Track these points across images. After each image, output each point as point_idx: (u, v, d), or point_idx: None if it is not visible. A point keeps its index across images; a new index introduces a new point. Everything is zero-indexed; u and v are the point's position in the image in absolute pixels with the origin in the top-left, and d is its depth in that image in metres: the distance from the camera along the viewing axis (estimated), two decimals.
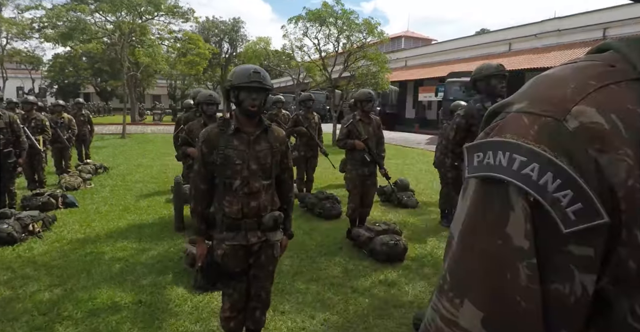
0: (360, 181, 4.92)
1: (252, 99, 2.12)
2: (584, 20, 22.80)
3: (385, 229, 4.62)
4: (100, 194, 7.03)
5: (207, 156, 2.18)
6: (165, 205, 6.39)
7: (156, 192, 7.37)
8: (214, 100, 3.99)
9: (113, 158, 11.41)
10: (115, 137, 16.99)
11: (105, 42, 20.82)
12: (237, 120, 2.19)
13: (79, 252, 4.35)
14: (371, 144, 4.84)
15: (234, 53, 40.67)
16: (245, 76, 2.09)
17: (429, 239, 5.28)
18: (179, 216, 5.03)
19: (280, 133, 2.35)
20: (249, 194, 2.18)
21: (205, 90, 4.05)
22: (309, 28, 16.33)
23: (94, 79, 43.12)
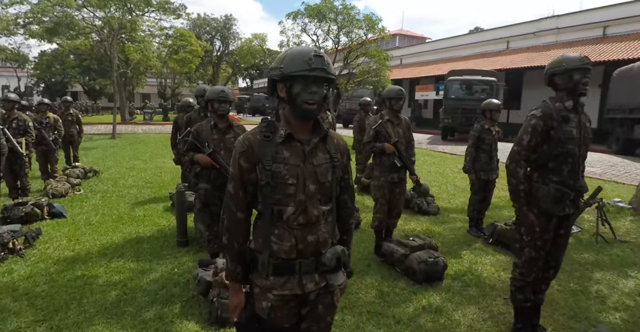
0: (389, 188, 4.36)
1: (310, 92, 1.53)
2: (583, 18, 22.50)
3: (421, 244, 4.06)
4: (90, 202, 6.37)
5: (248, 173, 1.60)
6: (164, 214, 5.76)
7: (152, 198, 6.72)
8: (227, 98, 3.39)
9: (103, 160, 10.72)
10: (105, 138, 16.23)
11: (94, 39, 19.99)
12: (287, 124, 1.61)
13: (68, 275, 3.71)
14: (401, 148, 4.28)
15: (226, 51, 39.94)
16: (304, 62, 1.50)
17: (463, 253, 4.73)
18: (181, 229, 4.42)
19: (341, 140, 1.76)
20: (306, 225, 1.59)
21: (214, 85, 3.45)
22: (307, 24, 15.77)
23: (82, 77, 42.07)
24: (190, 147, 3.44)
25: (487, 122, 5.23)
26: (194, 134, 3.41)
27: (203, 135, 3.41)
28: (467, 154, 5.25)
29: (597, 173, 10.50)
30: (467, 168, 5.24)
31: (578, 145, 2.66)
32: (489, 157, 5.27)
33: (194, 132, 3.42)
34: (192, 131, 3.43)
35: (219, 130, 3.46)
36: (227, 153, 3.45)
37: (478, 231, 5.39)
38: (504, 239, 4.91)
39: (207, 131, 3.41)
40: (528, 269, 2.85)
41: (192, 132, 3.42)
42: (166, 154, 12.29)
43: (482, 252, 4.78)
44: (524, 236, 2.81)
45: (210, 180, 3.42)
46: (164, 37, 24.24)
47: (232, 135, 3.49)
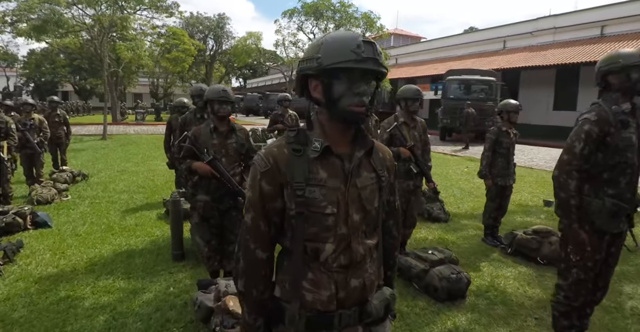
0: (405, 197, 4.02)
1: (357, 92, 1.16)
2: (581, 18, 22.36)
3: (442, 258, 3.71)
4: (78, 209, 5.95)
5: (272, 200, 1.22)
6: (157, 223, 5.35)
7: (144, 205, 6.31)
8: (228, 98, 3.01)
9: (93, 163, 10.26)
10: (95, 139, 15.73)
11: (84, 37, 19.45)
12: (323, 133, 1.23)
13: (50, 296, 3.31)
14: (417, 152, 3.94)
15: (219, 50, 39.44)
16: (349, 51, 1.11)
17: (482, 265, 4.39)
18: (176, 241, 4.03)
19: (387, 152, 1.39)
20: (349, 266, 1.22)
21: (214, 85, 3.06)
22: (304, 22, 15.40)
23: (73, 76, 41.40)
24: (187, 153, 3.06)
25: (504, 124, 4.90)
26: (191, 139, 3.03)
27: (201, 140, 3.03)
28: (483, 158, 4.91)
29: None
30: (483, 173, 4.90)
31: (638, 153, 2.32)
32: (507, 161, 4.94)
33: (191, 136, 3.04)
34: (189, 136, 3.04)
35: (220, 135, 3.09)
36: (229, 160, 3.08)
37: (494, 240, 5.06)
38: (524, 250, 4.58)
39: (206, 136, 3.03)
40: (575, 293, 2.51)
41: (189, 137, 3.04)
42: (159, 156, 11.86)
43: (502, 264, 4.45)
44: (572, 255, 2.47)
45: (209, 191, 3.05)
46: (156, 35, 23.74)
47: (234, 140, 3.12)
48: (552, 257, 4.42)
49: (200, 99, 4.49)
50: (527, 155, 13.63)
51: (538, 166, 11.99)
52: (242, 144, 3.13)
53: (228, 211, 3.12)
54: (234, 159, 3.10)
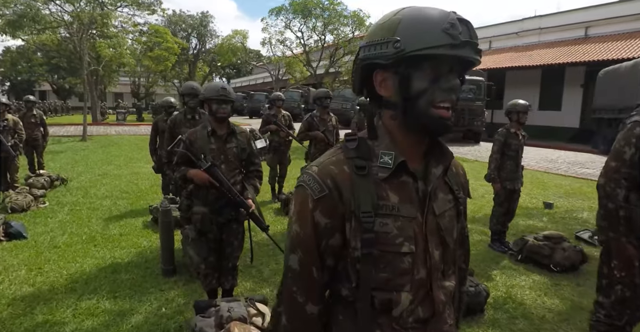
0: None
1: (447, 88, 0.87)
2: (566, 19, 22.58)
3: None
4: (56, 217, 5.51)
5: (329, 236, 0.90)
6: (143, 232, 4.97)
7: (129, 212, 5.91)
8: (228, 97, 2.68)
9: (72, 166, 9.74)
10: (74, 140, 15.09)
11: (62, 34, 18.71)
12: (393, 144, 0.92)
13: (26, 322, 2.93)
14: None
15: (202, 49, 38.73)
16: (441, 32, 0.81)
17: (494, 273, 4.16)
18: (167, 256, 3.67)
19: (460, 166, 1.08)
20: (428, 320, 0.92)
21: (212, 82, 2.73)
22: (291, 20, 15.05)
23: (51, 75, 40.18)
24: (181, 159, 2.72)
25: (513, 126, 4.68)
26: (186, 144, 2.69)
27: (198, 144, 2.69)
28: (491, 160, 4.68)
29: (594, 175, 10.17)
30: (492, 177, 4.66)
31: None
32: (515, 164, 4.72)
33: (186, 140, 2.70)
34: (183, 140, 2.70)
35: (219, 139, 2.75)
36: (229, 167, 2.75)
37: (502, 246, 4.84)
38: (536, 257, 4.37)
39: (203, 139, 2.69)
40: (619, 311, 2.27)
41: (184, 141, 2.69)
42: (142, 157, 11.39)
43: (514, 272, 4.23)
44: (617, 271, 2.22)
45: (207, 202, 2.71)
46: (137, 33, 23.07)
47: (234, 144, 2.79)
48: (565, 265, 4.24)
49: (191, 98, 4.14)
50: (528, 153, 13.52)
51: (530, 166, 11.89)
52: (243, 149, 2.80)
53: (228, 223, 2.79)
54: (235, 166, 2.77)
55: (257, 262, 4.00)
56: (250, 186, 2.80)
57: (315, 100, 5.27)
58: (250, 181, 2.84)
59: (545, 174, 9.91)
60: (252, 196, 2.75)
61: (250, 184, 2.82)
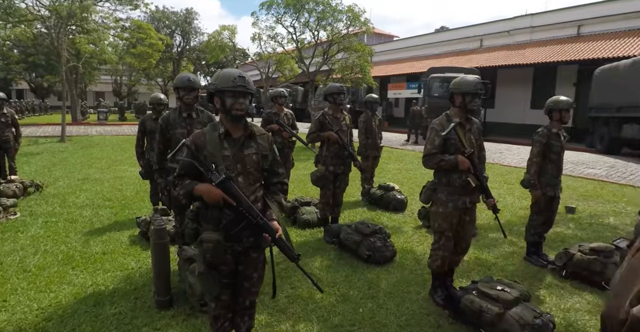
0: (459, 217, 3.17)
1: None
2: (557, 18, 22.43)
3: (517, 296, 2.86)
4: (28, 231, 4.77)
5: None
6: (130, 249, 4.28)
7: (112, 224, 5.20)
8: (248, 88, 2.04)
9: (49, 170, 8.92)
10: (52, 141, 14.14)
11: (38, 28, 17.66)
12: None
13: None
14: (476, 161, 3.10)
15: (187, 46, 37.69)
16: None
17: (541, 293, 3.62)
18: (162, 285, 3.00)
19: None
20: None
21: (224, 70, 2.02)
22: (282, 15, 14.37)
23: (28, 73, 38.57)
24: (184, 171, 2.08)
25: (554, 125, 4.14)
26: (191, 150, 2.04)
27: (207, 151, 2.05)
28: (531, 164, 4.13)
29: (601, 175, 9.79)
30: (532, 183, 4.11)
31: None
32: (557, 168, 4.19)
33: (191, 145, 2.05)
34: (187, 144, 2.05)
35: (234, 143, 2.11)
36: (248, 179, 2.11)
37: (540, 259, 4.30)
38: (584, 273, 3.84)
39: (213, 144, 2.05)
40: None
41: (188, 146, 2.05)
42: (126, 159, 10.61)
43: (563, 291, 3.70)
44: None
45: (221, 226, 2.07)
46: (119, 29, 22.05)
47: (253, 149, 2.15)
48: None
49: (187, 92, 3.48)
50: (518, 155, 13.16)
51: None
52: (265, 155, 2.17)
53: (246, 251, 2.16)
54: (255, 178, 2.14)
55: (270, 287, 3.37)
56: (274, 203, 2.17)
57: (326, 96, 4.65)
58: (274, 196, 2.21)
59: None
60: (278, 217, 2.12)
61: (274, 200, 2.19)
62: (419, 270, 4.02)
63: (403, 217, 5.86)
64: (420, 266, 4.12)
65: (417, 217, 5.74)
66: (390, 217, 5.81)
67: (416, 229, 5.33)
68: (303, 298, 3.29)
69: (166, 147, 3.59)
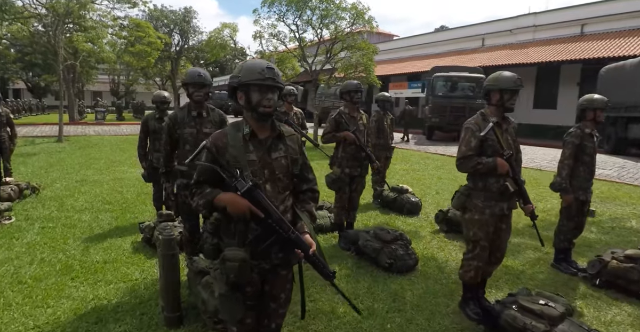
0: (496, 225, 2.91)
1: None
2: (561, 16, 22.23)
3: (562, 312, 2.60)
4: (24, 238, 4.48)
5: None
6: (134, 258, 3.99)
7: (113, 229, 4.91)
8: (277, 81, 1.77)
9: (46, 171, 8.62)
10: (49, 141, 13.82)
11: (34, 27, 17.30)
12: None
13: None
14: (514, 164, 2.83)
15: (185, 46, 37.33)
16: None
17: (577, 304, 3.35)
18: (171, 300, 2.72)
19: None
20: None
21: (249, 61, 1.75)
22: (285, 13, 14.09)
23: (25, 73, 38.17)
24: (203, 177, 1.80)
25: (587, 125, 3.88)
26: (212, 153, 1.76)
27: (230, 154, 1.77)
28: (562, 167, 3.86)
29: (613, 176, 9.56)
30: (563, 186, 3.85)
31: None
32: (589, 171, 3.93)
33: (211, 147, 1.77)
34: (207, 146, 1.77)
35: (260, 145, 1.83)
36: (277, 187, 1.83)
37: (569, 267, 4.05)
38: (620, 282, 3.59)
39: (237, 147, 1.77)
40: None
41: (209, 148, 1.77)
42: (125, 160, 10.32)
43: (600, 302, 3.45)
44: None
45: (245, 241, 1.79)
46: (117, 27, 21.70)
47: (282, 152, 1.87)
48: None
49: (197, 89, 3.19)
50: (526, 155, 12.92)
51: (542, 166, 11.30)
52: (295, 159, 1.90)
53: (274, 269, 1.88)
54: (284, 185, 1.86)
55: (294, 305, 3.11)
56: (305, 213, 1.90)
57: (343, 94, 4.38)
58: (304, 205, 1.94)
59: None
60: (310, 230, 1.85)
61: (305, 210, 1.92)
62: (444, 279, 3.76)
63: (418, 221, 5.59)
64: (444, 274, 3.87)
65: (433, 221, 5.48)
66: (405, 221, 5.54)
67: (434, 234, 5.07)
68: (325, 313, 3.02)
69: (173, 148, 3.32)
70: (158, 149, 4.89)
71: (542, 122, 21.11)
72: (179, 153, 3.30)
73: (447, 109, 16.36)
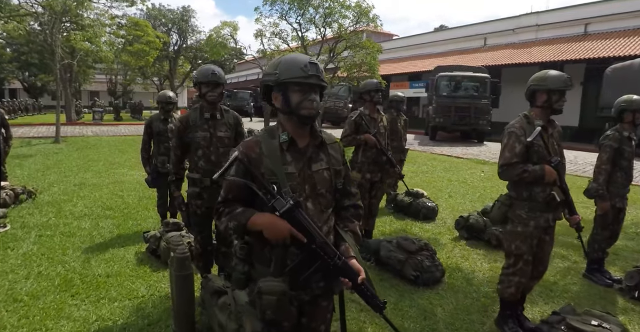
0: (539, 237, 2.65)
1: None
2: (564, 16, 22.05)
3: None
4: (20, 249, 4.19)
5: None
6: (138, 271, 3.71)
7: (115, 238, 4.62)
8: (320, 79, 1.50)
9: (43, 173, 8.31)
10: (46, 142, 13.48)
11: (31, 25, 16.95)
12: None
13: None
14: (561, 171, 2.58)
15: (183, 45, 36.95)
16: None
17: (621, 321, 3.08)
18: (185, 322, 2.44)
19: None
20: None
21: (287, 56, 1.49)
22: (287, 11, 13.81)
23: (21, 72, 37.76)
24: (232, 194, 1.52)
25: (625, 128, 3.63)
26: (244, 163, 1.49)
27: (265, 166, 1.50)
28: (599, 172, 3.60)
29: None
30: (600, 193, 3.59)
31: None
32: (627, 176, 3.68)
33: (243, 158, 1.50)
34: (239, 157, 1.49)
35: (300, 155, 1.57)
36: (319, 205, 1.56)
37: (604, 278, 3.79)
38: None
39: (273, 157, 1.50)
40: None
41: (240, 160, 1.49)
42: (124, 162, 10.03)
43: None
44: None
45: (284, 270, 1.51)
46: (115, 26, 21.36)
47: (324, 164, 1.59)
48: None
49: (212, 88, 2.91)
50: None
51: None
52: (338, 171, 1.63)
53: (314, 300, 1.61)
54: (327, 202, 1.59)
55: None
56: (349, 234, 1.63)
57: (362, 94, 4.10)
58: (347, 224, 1.67)
59: (580, 178, 8.97)
60: (356, 253, 1.58)
61: (348, 229, 1.65)
62: (474, 293, 3.50)
63: (436, 227, 5.33)
64: (473, 287, 3.61)
65: (450, 227, 5.23)
66: (422, 228, 5.28)
67: (454, 242, 4.80)
68: None
69: (184, 153, 3.04)
70: (163, 153, 4.62)
71: None
72: (189, 158, 3.02)
73: (452, 109, 16.11)
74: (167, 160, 4.58)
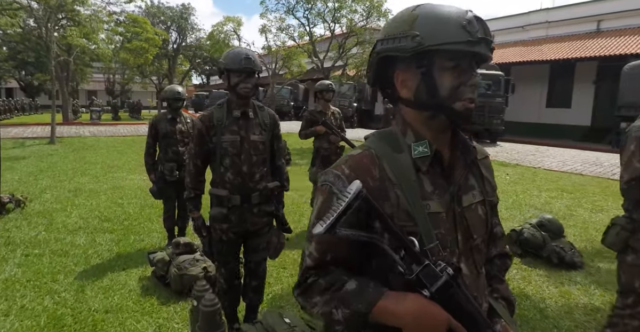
0: None
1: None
2: (575, 12, 21.47)
3: None
4: (2, 273, 3.51)
5: None
6: (143, 302, 3.04)
7: (115, 258, 3.95)
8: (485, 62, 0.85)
9: (35, 178, 7.63)
10: (41, 143, 12.77)
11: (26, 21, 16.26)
12: None
13: None
14: None
15: (183, 43, 36.29)
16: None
17: None
18: None
19: None
20: None
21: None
22: (294, 5, 13.16)
23: (17, 71, 37.04)
24: (331, 255, 0.85)
25: None
26: (368, 202, 0.77)
27: (392, 201, 0.83)
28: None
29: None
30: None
31: None
32: None
33: (362, 191, 0.80)
34: (362, 193, 0.78)
35: (443, 179, 0.90)
36: (474, 267, 0.91)
37: None
38: None
39: (406, 184, 0.83)
40: None
41: (363, 197, 0.78)
42: (123, 165, 9.36)
43: None
44: None
45: None
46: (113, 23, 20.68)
47: (477, 195, 0.94)
48: None
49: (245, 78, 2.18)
50: (555, 158, 12.07)
51: (576, 170, 10.41)
52: (494, 206, 0.99)
53: None
54: (481, 257, 0.95)
55: None
56: (501, 304, 1.00)
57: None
58: (497, 287, 1.03)
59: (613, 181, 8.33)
60: None
61: (500, 295, 1.02)
62: (554, 328, 2.86)
63: None
64: (550, 320, 2.99)
65: None
66: None
67: None
68: None
69: (205, 163, 2.34)
70: (170, 158, 3.96)
71: (556, 121, 20.38)
72: (213, 169, 2.33)
73: None
74: (175, 167, 3.93)
